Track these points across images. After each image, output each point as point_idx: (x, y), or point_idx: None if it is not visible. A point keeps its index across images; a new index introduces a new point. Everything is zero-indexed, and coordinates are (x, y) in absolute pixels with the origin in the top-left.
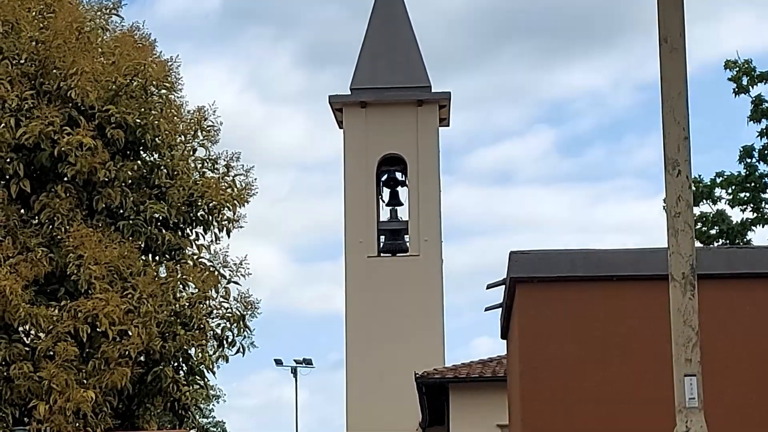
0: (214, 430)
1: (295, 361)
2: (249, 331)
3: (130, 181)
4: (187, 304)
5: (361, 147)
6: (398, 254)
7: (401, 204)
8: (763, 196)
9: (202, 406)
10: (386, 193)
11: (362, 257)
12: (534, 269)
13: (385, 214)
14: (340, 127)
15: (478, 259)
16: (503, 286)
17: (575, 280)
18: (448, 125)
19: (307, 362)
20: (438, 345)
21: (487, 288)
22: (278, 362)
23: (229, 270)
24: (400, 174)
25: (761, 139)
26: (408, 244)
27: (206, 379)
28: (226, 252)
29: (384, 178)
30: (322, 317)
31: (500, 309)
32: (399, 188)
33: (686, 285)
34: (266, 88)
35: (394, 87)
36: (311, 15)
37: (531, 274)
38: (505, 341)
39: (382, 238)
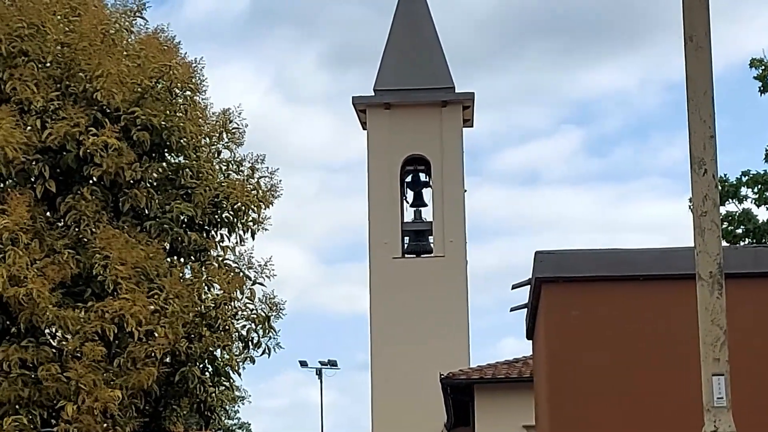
0: (240, 431)
1: (320, 362)
2: (274, 333)
3: (155, 182)
4: (212, 305)
5: (385, 148)
6: (423, 255)
7: (425, 205)
8: None
9: (227, 407)
10: (410, 194)
11: (387, 258)
12: (559, 269)
13: (409, 215)
14: (364, 128)
15: (504, 259)
16: (528, 287)
17: (601, 279)
18: (471, 126)
19: (332, 363)
20: (463, 346)
21: (513, 288)
22: (303, 363)
23: (254, 271)
24: (424, 175)
25: None
26: (432, 245)
27: (232, 381)
28: (251, 253)
29: (408, 179)
30: (347, 318)
31: (525, 309)
32: (423, 189)
33: (714, 284)
34: (292, 89)
35: (418, 88)
36: (336, 15)
37: (556, 274)
38: (530, 342)
39: (407, 239)
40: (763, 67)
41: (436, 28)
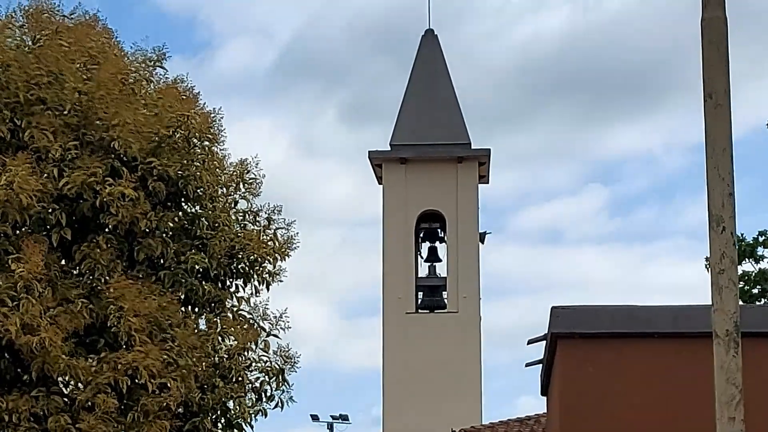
0: None
1: (331, 416)
2: (288, 385)
3: (171, 231)
4: (226, 356)
5: (401, 203)
6: (436, 311)
7: (440, 260)
8: None
9: None
10: (425, 249)
11: (400, 313)
12: (575, 325)
13: (423, 270)
14: (380, 183)
15: (523, 318)
16: (544, 342)
17: (617, 336)
18: (487, 182)
19: (344, 418)
20: (476, 402)
21: (528, 343)
22: (314, 417)
23: (269, 323)
24: (439, 230)
25: None
26: (446, 300)
27: None
28: (266, 305)
29: (423, 234)
30: (361, 373)
31: (540, 365)
32: (438, 244)
33: (730, 342)
34: (312, 143)
35: (434, 143)
36: (355, 70)
37: (572, 330)
38: (545, 398)
39: (421, 294)
40: None
41: (453, 84)
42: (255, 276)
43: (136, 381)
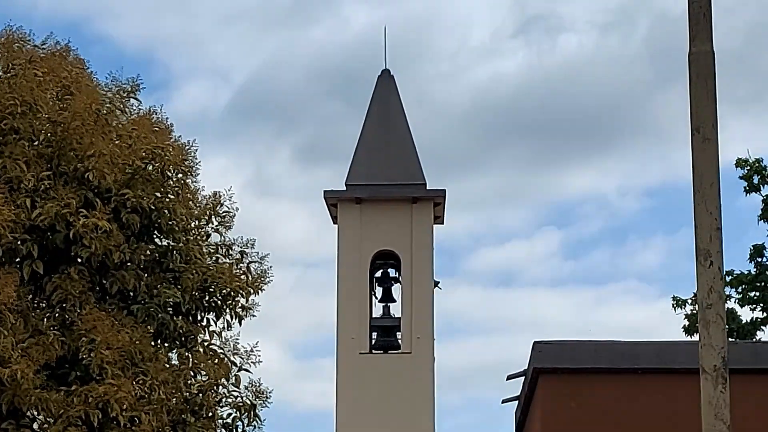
0: None
1: None
2: (259, 421)
3: (143, 264)
4: (197, 391)
5: (355, 243)
6: (390, 351)
7: (394, 301)
8: None
9: None
10: (379, 289)
11: (354, 353)
12: (557, 360)
13: (377, 310)
14: (335, 223)
15: (477, 359)
16: (522, 378)
17: (599, 371)
18: (442, 223)
19: None
20: None
21: (508, 379)
22: None
23: (240, 357)
24: (394, 270)
25: None
26: (400, 341)
27: None
28: (237, 339)
29: (378, 274)
30: (314, 413)
31: (516, 402)
32: (392, 285)
33: (718, 378)
34: (268, 183)
35: (389, 183)
36: (309, 111)
37: (554, 365)
38: None
39: (375, 334)
40: (748, 167)
41: (409, 125)
42: (227, 310)
43: (108, 414)
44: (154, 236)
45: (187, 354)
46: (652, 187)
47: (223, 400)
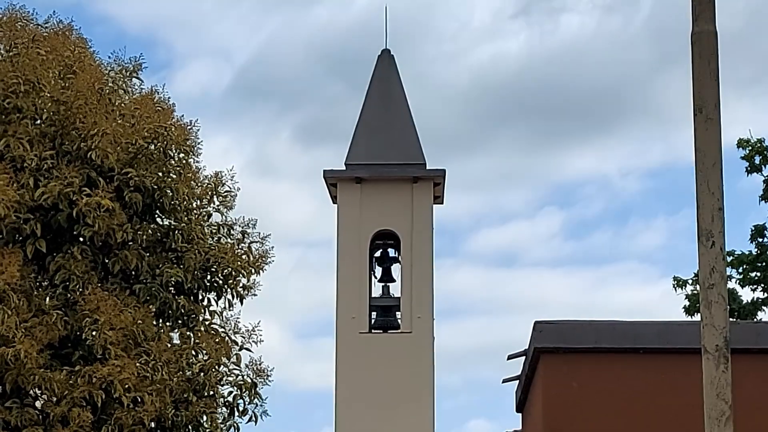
0: None
1: None
2: (260, 399)
3: (146, 244)
4: (198, 371)
5: (355, 222)
6: (390, 331)
7: (393, 280)
8: None
9: None
10: (379, 269)
11: (354, 333)
12: (559, 340)
13: (377, 290)
14: (334, 203)
15: (478, 339)
16: (523, 358)
17: (601, 351)
18: (442, 203)
19: None
20: (427, 424)
21: (509, 358)
22: None
23: (241, 336)
24: (393, 250)
25: None
26: (400, 321)
27: None
28: (238, 318)
29: (377, 254)
30: (314, 393)
31: (516, 381)
32: (392, 265)
33: (719, 358)
34: (269, 163)
35: (389, 163)
36: (311, 91)
37: (556, 345)
38: (520, 414)
39: (374, 314)
40: (750, 148)
41: (409, 105)
42: (229, 290)
43: (111, 395)
44: (157, 216)
45: (188, 333)
46: (654, 168)
47: (224, 379)
